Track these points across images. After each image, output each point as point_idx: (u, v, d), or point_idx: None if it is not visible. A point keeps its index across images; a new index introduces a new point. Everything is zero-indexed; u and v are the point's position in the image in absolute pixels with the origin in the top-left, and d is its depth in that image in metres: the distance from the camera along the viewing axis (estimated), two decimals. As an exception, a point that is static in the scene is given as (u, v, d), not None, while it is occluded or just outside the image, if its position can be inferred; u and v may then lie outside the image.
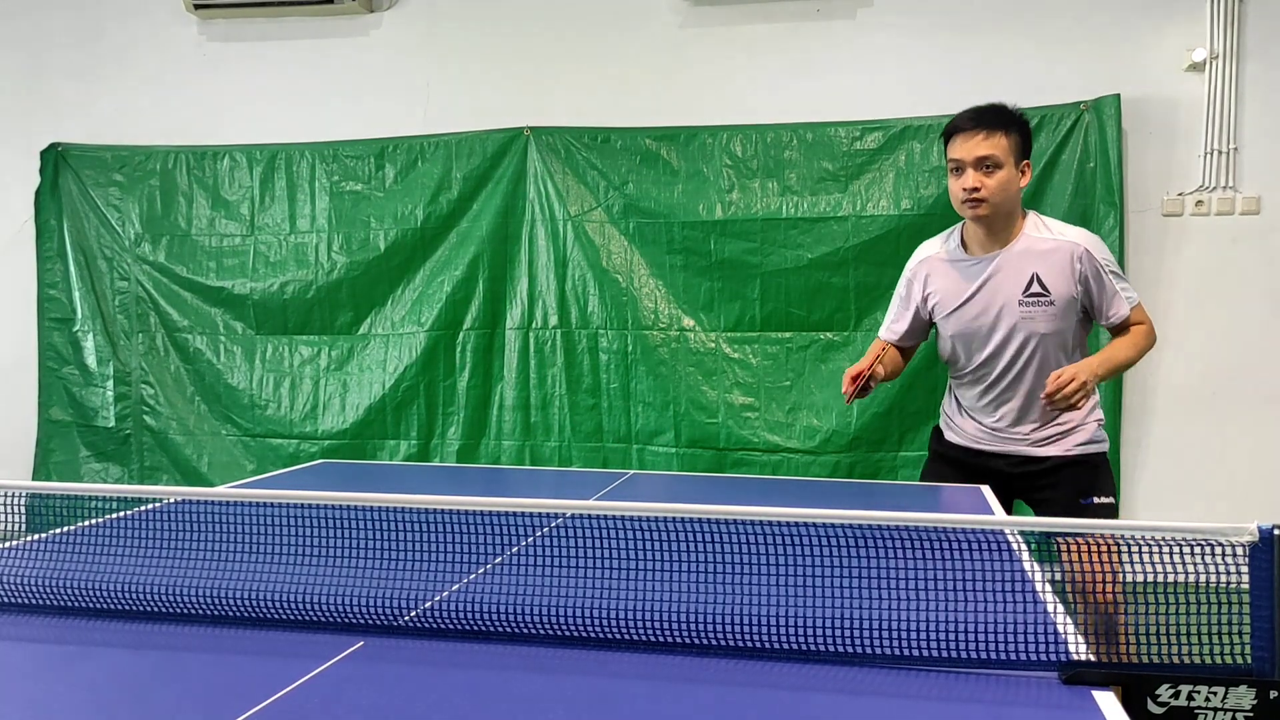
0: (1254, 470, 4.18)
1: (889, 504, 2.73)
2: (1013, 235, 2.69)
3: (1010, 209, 2.67)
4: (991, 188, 2.60)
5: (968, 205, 2.64)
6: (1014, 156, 2.63)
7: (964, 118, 2.66)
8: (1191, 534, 1.34)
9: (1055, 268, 2.64)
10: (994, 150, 2.60)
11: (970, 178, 2.61)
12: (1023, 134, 2.67)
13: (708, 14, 4.47)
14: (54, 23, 5.00)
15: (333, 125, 4.75)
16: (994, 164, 2.60)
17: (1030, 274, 2.64)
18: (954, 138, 2.67)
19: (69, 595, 1.60)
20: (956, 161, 2.65)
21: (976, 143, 2.61)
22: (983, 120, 2.63)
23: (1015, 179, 2.64)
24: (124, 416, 4.90)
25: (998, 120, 2.63)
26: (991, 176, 2.60)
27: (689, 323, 4.42)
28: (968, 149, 2.62)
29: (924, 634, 1.36)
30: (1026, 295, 2.65)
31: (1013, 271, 2.67)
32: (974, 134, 2.61)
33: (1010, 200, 2.64)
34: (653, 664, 1.38)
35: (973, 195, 2.61)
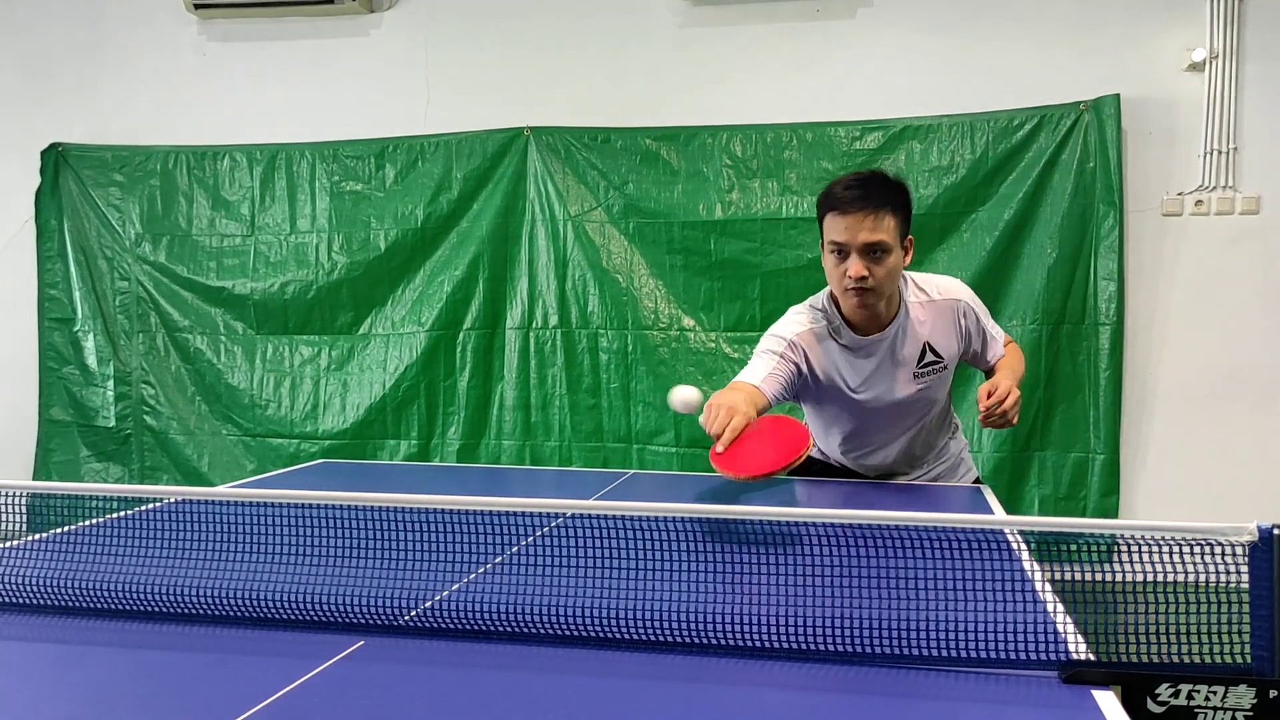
0: (1253, 469, 4.18)
1: (889, 504, 2.73)
2: (894, 309, 2.48)
3: (894, 289, 2.44)
4: (880, 277, 2.34)
5: (853, 294, 2.39)
6: (899, 237, 2.37)
7: (846, 196, 2.34)
8: (1191, 533, 1.34)
9: (941, 330, 2.51)
10: (882, 235, 2.31)
11: (856, 265, 2.33)
12: (906, 208, 2.41)
13: (708, 14, 4.48)
14: (54, 23, 5.00)
15: (333, 125, 4.75)
16: (882, 250, 2.33)
17: (921, 344, 2.50)
18: (833, 215, 2.36)
19: (69, 595, 1.60)
20: (838, 245, 2.36)
21: (865, 228, 2.31)
22: (869, 200, 2.32)
23: (901, 261, 2.39)
24: (124, 416, 4.91)
25: (883, 199, 2.33)
26: (880, 264, 2.33)
27: (689, 322, 4.43)
28: (852, 234, 2.32)
29: (923, 633, 1.36)
30: (921, 366, 2.50)
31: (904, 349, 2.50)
32: (861, 216, 2.31)
33: (896, 282, 2.41)
34: (653, 663, 1.38)
35: (860, 285, 2.35)
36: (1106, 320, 4.16)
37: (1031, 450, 4.27)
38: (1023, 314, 4.22)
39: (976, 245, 4.23)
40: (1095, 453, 4.20)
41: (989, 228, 4.22)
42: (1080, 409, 4.23)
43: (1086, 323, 4.19)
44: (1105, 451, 4.19)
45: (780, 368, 2.49)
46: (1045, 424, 4.25)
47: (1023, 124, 4.17)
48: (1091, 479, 4.21)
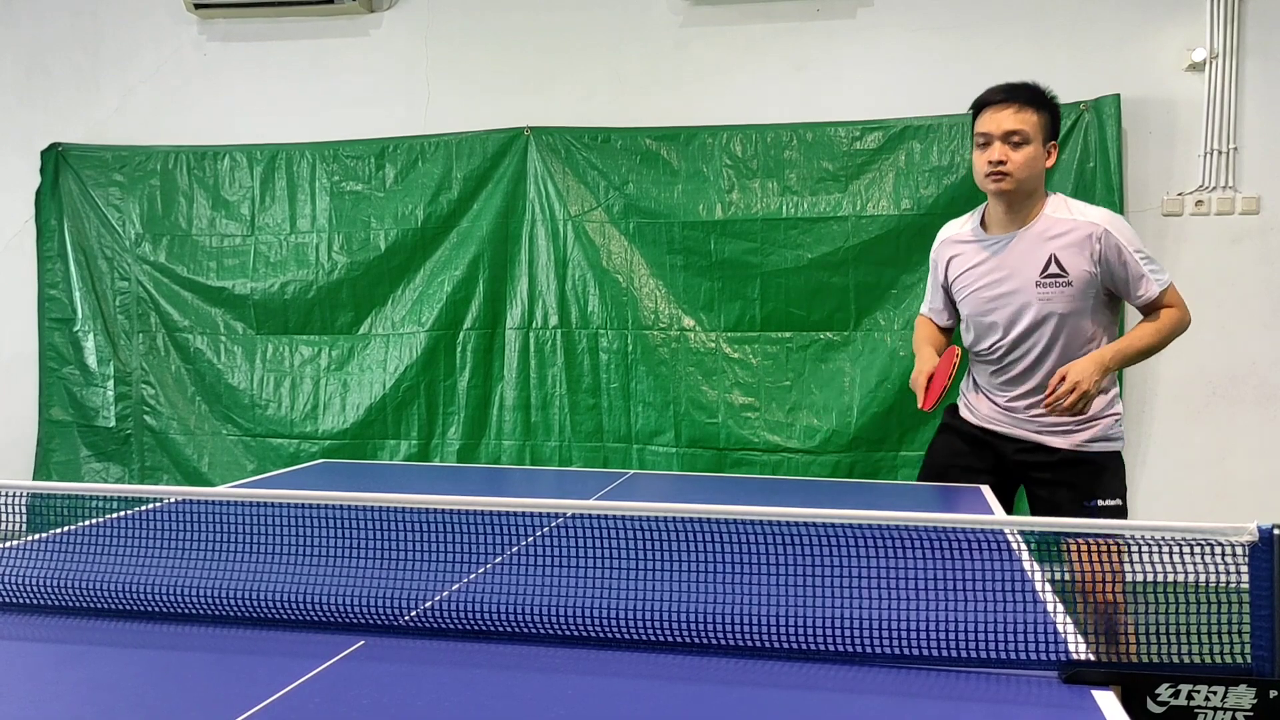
0: (1254, 470, 4.18)
1: (889, 504, 2.73)
2: (1033, 215, 2.64)
3: (1033, 187, 2.62)
4: (1017, 162, 2.55)
5: (991, 179, 2.59)
6: (1042, 135, 2.59)
7: (995, 91, 2.61)
8: (1191, 534, 1.34)
9: (1073, 247, 2.59)
10: (1023, 125, 2.56)
11: (996, 150, 2.56)
12: (1053, 114, 2.64)
13: (708, 14, 4.47)
14: (54, 23, 5.00)
15: (333, 125, 4.75)
16: (1022, 139, 2.55)
17: (1048, 254, 2.60)
18: (983, 111, 2.62)
19: (70, 595, 1.60)
20: (984, 135, 2.60)
21: (1006, 116, 2.56)
22: (1014, 95, 2.58)
23: (1041, 157, 2.60)
24: (124, 416, 4.90)
25: (1029, 97, 2.59)
26: (1018, 151, 2.55)
27: (689, 322, 4.43)
28: (996, 122, 2.57)
29: (924, 633, 1.36)
30: (1044, 276, 2.60)
31: (1030, 251, 2.62)
32: (1004, 107, 2.57)
33: (1034, 178, 2.60)
34: (653, 663, 1.38)
35: (997, 169, 2.56)
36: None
37: (1031, 450, 4.27)
38: (1023, 314, 4.22)
39: (976, 245, 4.23)
40: (1095, 453, 4.20)
41: (989, 228, 4.22)
42: (1080, 409, 4.22)
43: (1086, 323, 4.19)
44: (1105, 451, 4.19)
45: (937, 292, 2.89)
46: (1045, 424, 4.25)
47: (1023, 124, 4.17)
48: (1091, 479, 4.21)
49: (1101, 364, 2.53)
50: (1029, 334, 2.66)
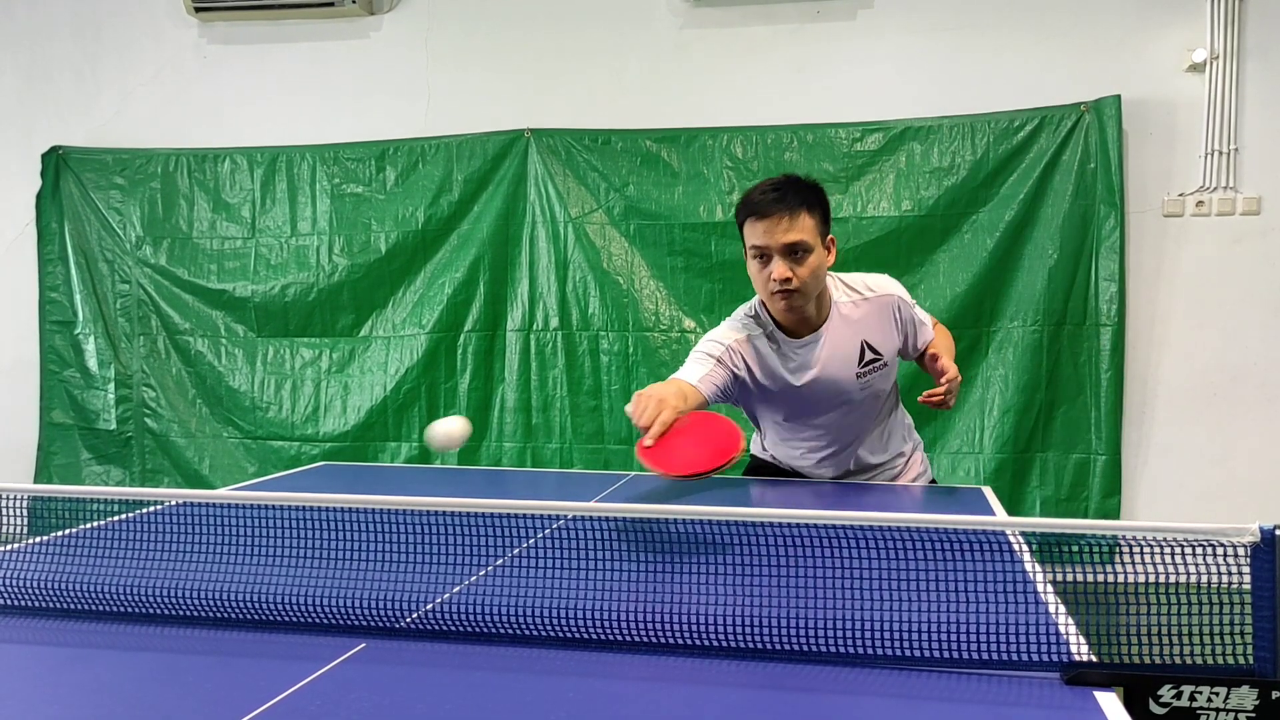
0: (1255, 470, 4.18)
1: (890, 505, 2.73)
2: (825, 307, 2.49)
3: (821, 289, 2.45)
4: (804, 276, 2.36)
5: (779, 297, 2.40)
6: (820, 236, 2.39)
7: (762, 201, 2.36)
8: (1192, 534, 1.34)
9: (878, 328, 2.52)
10: (801, 235, 2.34)
11: (779, 268, 2.35)
12: (824, 207, 2.43)
13: (708, 15, 4.48)
14: (54, 26, 5.01)
15: (333, 127, 4.75)
16: (803, 249, 2.35)
17: (859, 343, 2.50)
18: (752, 220, 2.38)
19: (70, 598, 1.60)
20: (759, 249, 2.38)
21: (781, 229, 2.33)
22: (784, 201, 2.34)
23: (824, 260, 2.42)
24: (125, 419, 4.91)
25: (799, 200, 2.35)
26: (803, 264, 2.35)
27: (690, 324, 4.42)
28: (773, 236, 2.34)
29: (925, 635, 1.36)
30: (862, 365, 2.51)
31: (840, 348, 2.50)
32: (778, 219, 2.33)
33: (821, 281, 2.43)
34: (655, 665, 1.38)
35: (784, 287, 2.36)
36: (1108, 321, 4.16)
37: (1033, 451, 4.27)
38: (1024, 315, 4.22)
39: (977, 246, 4.23)
40: (1096, 454, 4.20)
41: (990, 229, 4.22)
42: (1081, 410, 4.23)
43: (1087, 324, 4.19)
44: (1107, 452, 4.19)
45: (717, 370, 2.46)
46: (1046, 425, 4.25)
47: (1023, 125, 4.17)
48: (1093, 480, 4.21)
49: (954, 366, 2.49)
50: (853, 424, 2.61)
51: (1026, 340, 4.21)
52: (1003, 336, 4.26)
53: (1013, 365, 4.24)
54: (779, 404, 2.60)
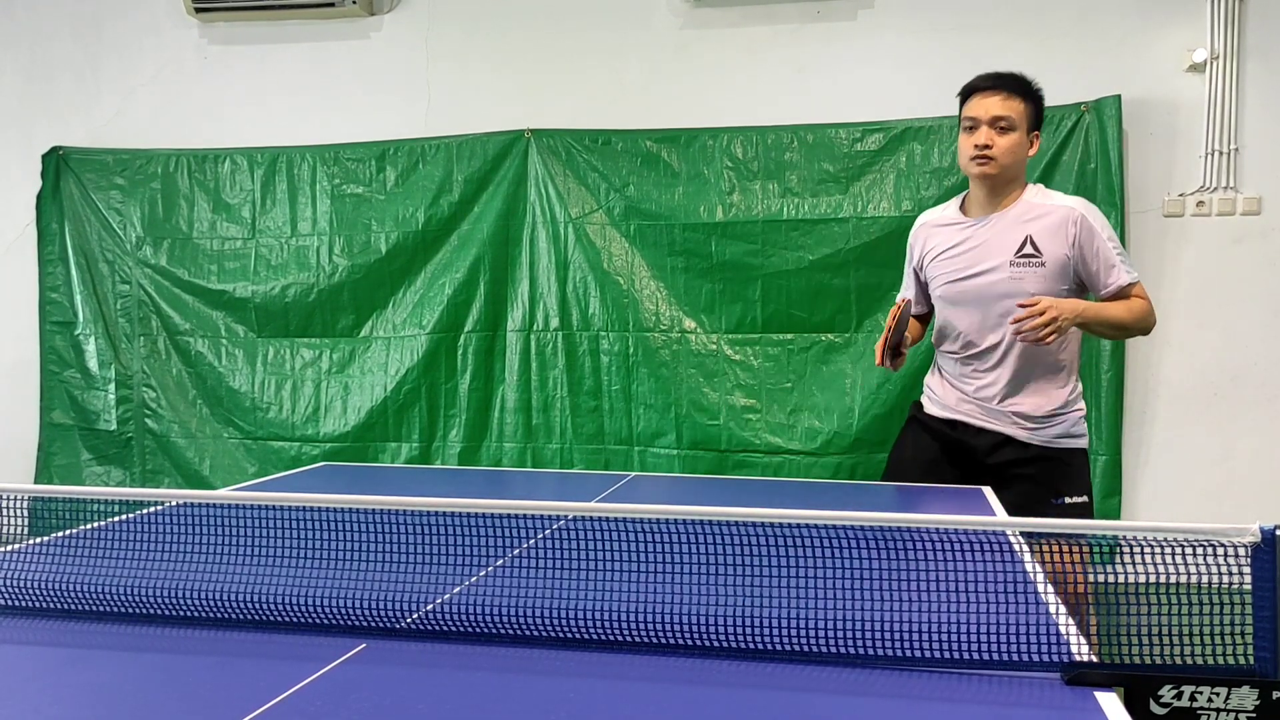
0: (1256, 471, 4.18)
1: (891, 505, 2.73)
2: (1011, 200, 2.73)
3: (1015, 174, 2.71)
4: (1003, 147, 2.64)
5: (976, 162, 2.67)
6: (1027, 123, 2.68)
7: (984, 78, 2.72)
8: (1193, 535, 1.34)
9: (1049, 230, 2.66)
10: (1009, 112, 2.65)
11: (983, 134, 2.65)
12: (1038, 105, 2.73)
13: (708, 15, 4.48)
14: (54, 26, 5.01)
15: (334, 128, 4.75)
16: (1008, 125, 2.65)
17: (1024, 235, 2.67)
18: (971, 96, 2.72)
19: (71, 598, 1.60)
20: (971, 119, 2.69)
21: (994, 102, 2.66)
22: (1002, 83, 2.68)
23: (1024, 145, 2.68)
24: (126, 420, 4.91)
25: (1016, 86, 2.69)
26: (1004, 136, 2.64)
27: (690, 324, 4.42)
28: (984, 107, 2.67)
29: (926, 635, 1.36)
30: (1019, 255, 2.67)
31: (1007, 232, 2.69)
32: (992, 94, 2.67)
33: (1017, 164, 2.69)
34: (655, 666, 1.38)
35: (983, 153, 2.65)
36: (1108, 321, 4.15)
37: (1033, 451, 4.26)
38: (1024, 315, 4.22)
39: (977, 247, 4.22)
40: (1097, 454, 4.19)
41: (990, 229, 4.21)
42: (1082, 410, 4.22)
43: (1088, 324, 4.19)
44: (1107, 453, 4.19)
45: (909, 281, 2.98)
46: (1047, 425, 4.24)
47: (1023, 125, 4.17)
48: (1094, 480, 4.19)
49: (1077, 309, 2.59)
50: (998, 314, 2.71)
51: (1027, 340, 4.20)
52: (1003, 337, 4.25)
53: (1013, 365, 4.23)
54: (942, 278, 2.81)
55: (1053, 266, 2.67)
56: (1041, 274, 2.66)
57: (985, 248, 2.72)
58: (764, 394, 4.36)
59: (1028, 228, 2.69)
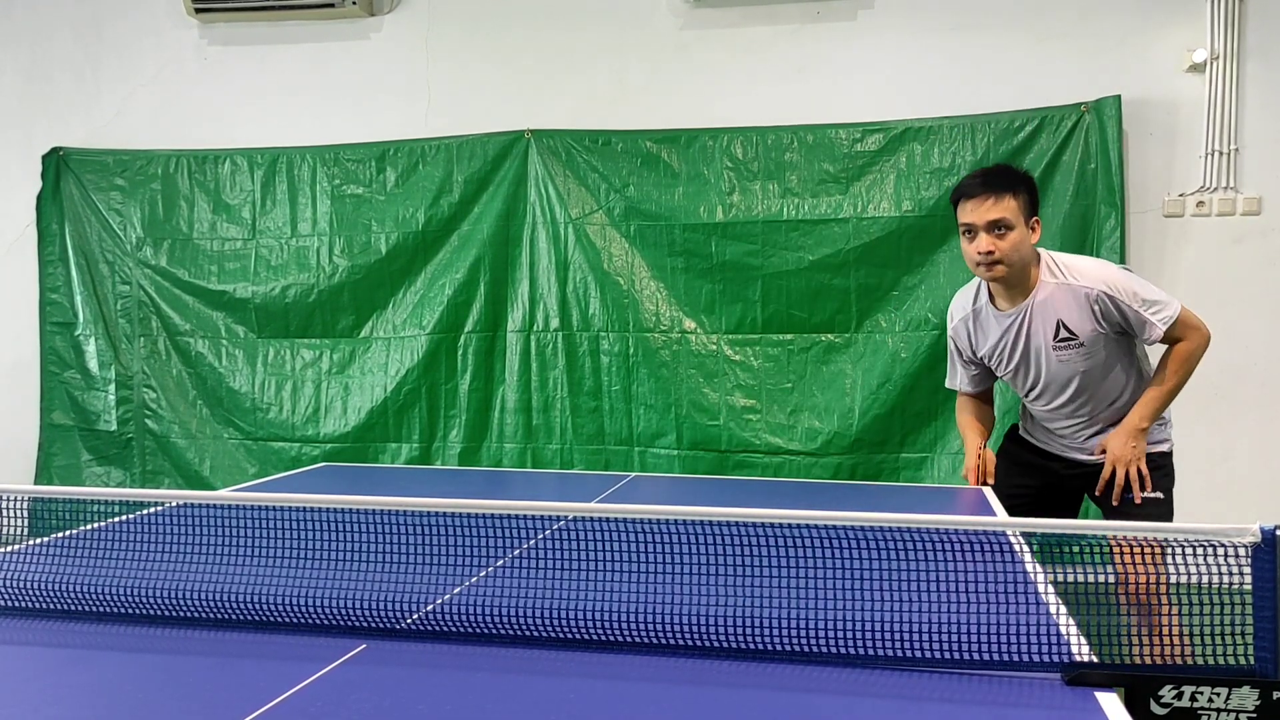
0: (1256, 471, 4.18)
1: (891, 506, 2.73)
2: (1032, 285, 2.76)
3: (1025, 264, 2.73)
4: (1005, 249, 2.66)
5: (983, 268, 2.70)
6: (1024, 216, 2.68)
7: (972, 183, 2.72)
8: (1193, 535, 1.34)
9: (1075, 312, 2.72)
10: (1004, 213, 2.65)
11: (984, 241, 2.67)
12: (1030, 192, 2.73)
13: (708, 16, 4.48)
14: (55, 27, 5.01)
15: (334, 128, 4.75)
16: (1005, 226, 2.65)
17: (1055, 321, 2.73)
18: (963, 202, 2.72)
19: (71, 599, 1.60)
20: (968, 226, 2.70)
21: (987, 208, 2.66)
22: (991, 184, 2.68)
23: (1027, 237, 2.69)
24: (126, 420, 4.90)
25: (1005, 183, 2.68)
26: (1004, 239, 2.65)
27: (690, 325, 4.42)
28: (979, 214, 2.67)
29: (927, 635, 1.36)
30: (1058, 341, 2.74)
31: (1041, 320, 2.75)
32: (984, 199, 2.66)
33: (1024, 258, 2.71)
34: (655, 666, 1.38)
35: (988, 259, 2.67)
36: (1108, 321, 4.15)
37: (1033, 452, 4.26)
38: (1024, 315, 4.22)
39: (978, 247, 4.22)
40: (1097, 454, 4.19)
41: (990, 229, 4.21)
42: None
43: (1088, 324, 4.18)
44: (1107, 453, 4.18)
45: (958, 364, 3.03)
46: (1047, 425, 4.24)
47: (1024, 125, 4.17)
48: (1093, 480, 4.20)
49: (1135, 430, 2.76)
50: (1061, 390, 2.82)
51: (1027, 340, 4.20)
52: (1003, 337, 4.25)
53: (1013, 365, 4.23)
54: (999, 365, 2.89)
55: (1090, 343, 2.74)
56: (1083, 351, 2.75)
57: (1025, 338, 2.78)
58: (764, 394, 4.36)
59: (1057, 312, 2.74)
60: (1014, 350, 2.81)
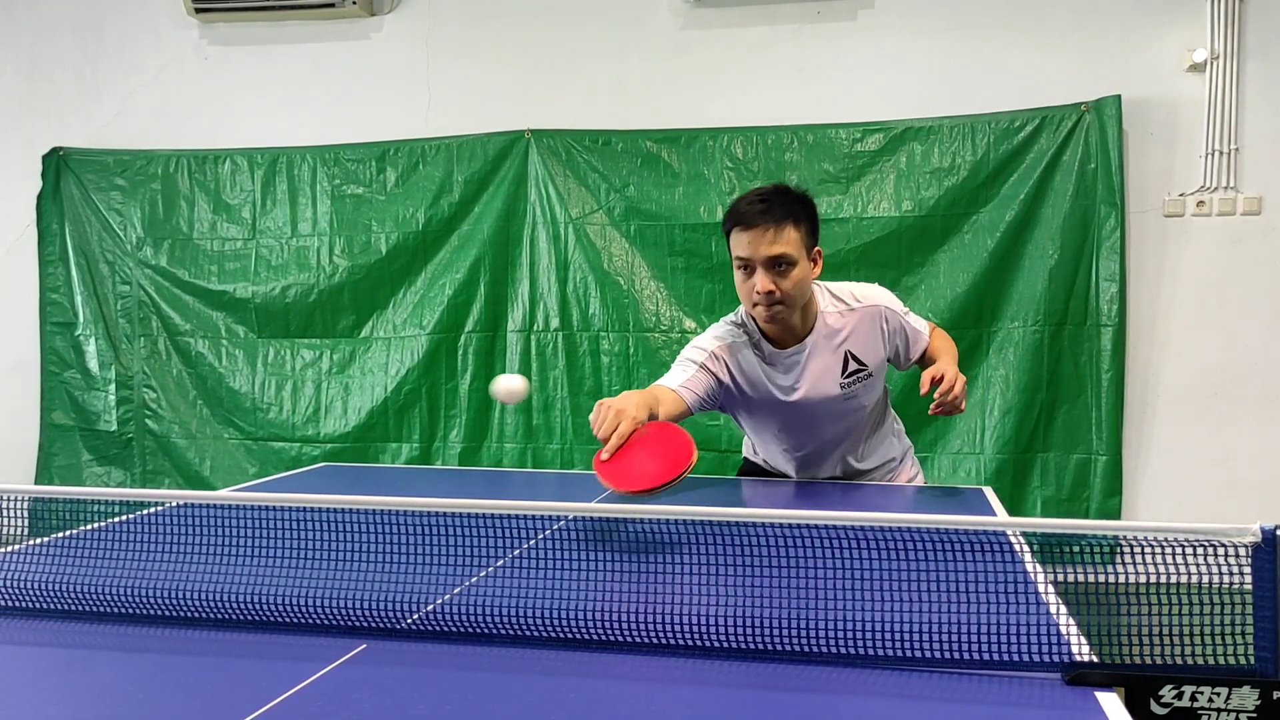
0: (1256, 470, 4.18)
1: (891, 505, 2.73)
2: (811, 318, 2.50)
3: (806, 300, 2.46)
4: (787, 289, 2.36)
5: (762, 309, 2.40)
6: (805, 249, 2.39)
7: (747, 211, 2.35)
8: (1193, 535, 1.34)
9: (863, 338, 2.51)
10: (786, 249, 2.33)
11: (762, 280, 2.34)
12: (811, 219, 2.43)
13: (708, 16, 4.48)
14: (55, 27, 5.01)
15: (334, 128, 4.75)
16: (787, 262, 2.34)
17: (843, 354, 2.50)
18: (738, 232, 2.37)
19: (71, 599, 1.60)
20: (743, 260, 2.38)
21: (766, 242, 2.32)
22: (769, 214, 2.33)
23: (809, 273, 2.42)
24: (126, 420, 4.91)
25: (784, 212, 2.34)
26: (786, 277, 2.35)
27: (691, 325, 4.42)
28: (756, 249, 2.33)
29: (926, 635, 1.36)
30: (846, 376, 2.50)
31: (826, 357, 2.50)
32: (763, 231, 2.32)
33: (805, 295, 2.43)
34: (655, 666, 1.38)
35: (767, 299, 2.37)
36: (1108, 321, 4.16)
37: (1034, 452, 4.27)
38: (1024, 315, 4.22)
39: (978, 247, 4.23)
40: (1097, 454, 4.19)
41: (990, 229, 4.22)
42: (1082, 410, 4.23)
43: (1088, 324, 4.19)
44: (1107, 453, 4.19)
45: (700, 376, 2.50)
46: (1047, 425, 4.25)
47: (1024, 125, 4.17)
48: (1094, 480, 4.20)
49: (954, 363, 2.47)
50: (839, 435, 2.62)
51: (1027, 341, 4.20)
52: (1003, 337, 4.26)
53: (1013, 366, 4.24)
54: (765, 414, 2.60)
55: (877, 371, 2.55)
56: (869, 383, 2.54)
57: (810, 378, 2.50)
58: (764, 394, 4.35)
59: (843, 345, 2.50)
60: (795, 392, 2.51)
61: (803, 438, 2.64)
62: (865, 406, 2.60)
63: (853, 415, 2.60)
